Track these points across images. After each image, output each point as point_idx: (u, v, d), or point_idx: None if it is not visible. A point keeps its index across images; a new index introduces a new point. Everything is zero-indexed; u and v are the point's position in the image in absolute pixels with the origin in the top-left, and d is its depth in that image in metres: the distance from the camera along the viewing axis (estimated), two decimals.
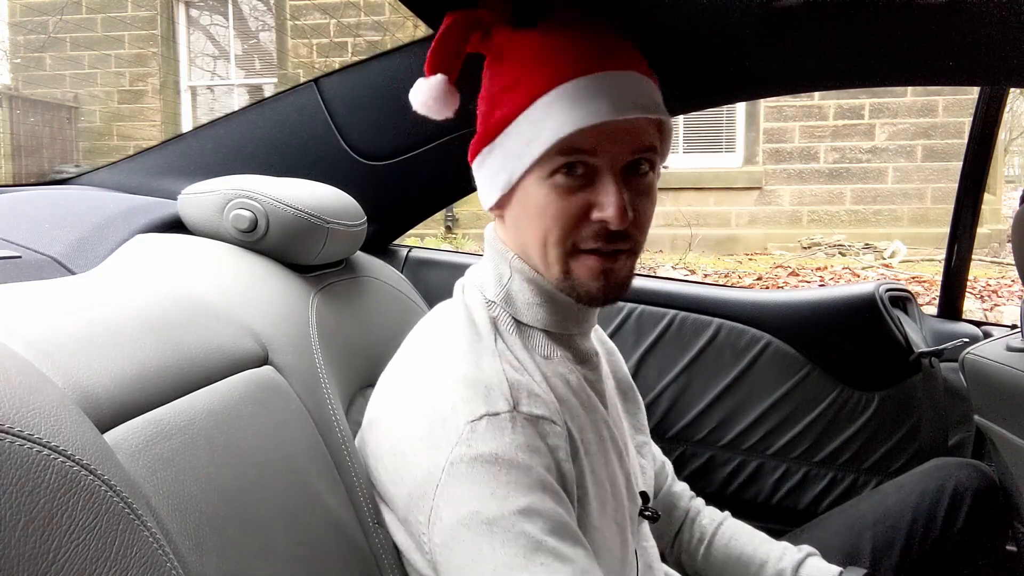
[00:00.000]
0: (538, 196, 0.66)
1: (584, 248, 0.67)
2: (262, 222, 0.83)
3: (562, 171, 0.64)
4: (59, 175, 5.56)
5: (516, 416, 0.61)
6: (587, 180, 0.65)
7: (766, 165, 6.43)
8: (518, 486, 0.58)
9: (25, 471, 0.36)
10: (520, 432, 0.61)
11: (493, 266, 0.74)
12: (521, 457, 0.60)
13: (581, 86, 0.63)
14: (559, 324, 0.73)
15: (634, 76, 0.66)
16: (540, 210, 0.66)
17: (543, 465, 0.61)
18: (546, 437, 0.62)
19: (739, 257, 6.09)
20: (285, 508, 0.59)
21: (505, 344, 0.69)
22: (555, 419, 0.64)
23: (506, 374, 0.65)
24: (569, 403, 0.70)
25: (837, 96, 6.20)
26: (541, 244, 0.68)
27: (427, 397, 0.65)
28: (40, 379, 0.44)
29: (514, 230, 0.71)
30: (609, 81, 0.64)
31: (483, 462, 0.59)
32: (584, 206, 0.65)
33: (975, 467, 1.08)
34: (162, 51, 7.65)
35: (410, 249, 1.47)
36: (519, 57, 0.67)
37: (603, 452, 0.73)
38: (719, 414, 1.42)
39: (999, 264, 5.40)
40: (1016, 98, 8.23)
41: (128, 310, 0.60)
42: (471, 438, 0.60)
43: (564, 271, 0.68)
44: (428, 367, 0.68)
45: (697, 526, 0.97)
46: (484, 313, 0.71)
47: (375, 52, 1.15)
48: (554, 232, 0.66)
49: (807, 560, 0.89)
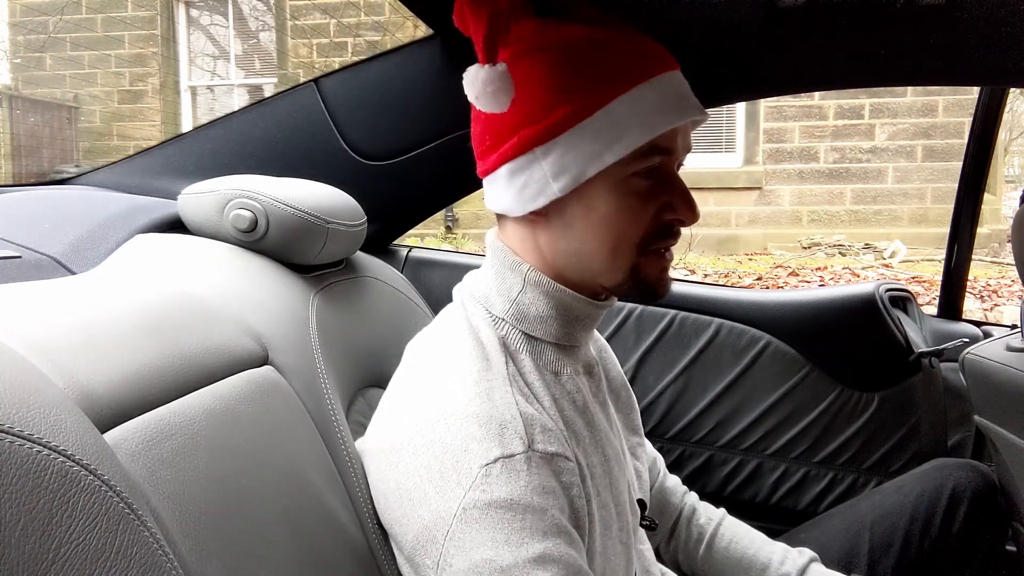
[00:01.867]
0: (613, 200, 0.64)
1: (652, 248, 0.67)
2: (262, 222, 0.83)
3: (641, 173, 0.63)
4: (59, 175, 5.57)
5: (531, 456, 0.59)
6: (658, 181, 0.65)
7: (766, 165, 6.43)
8: (533, 532, 0.56)
9: (25, 471, 0.36)
10: (535, 473, 0.58)
11: (500, 279, 0.70)
12: (536, 500, 0.57)
13: (661, 84, 0.62)
14: (569, 336, 0.71)
15: (681, 75, 0.66)
16: (613, 214, 0.64)
17: (558, 507, 0.59)
18: (560, 475, 0.60)
19: (739, 257, 6.09)
20: (285, 508, 0.59)
21: (516, 367, 0.66)
22: (567, 454, 0.62)
23: (519, 407, 0.62)
24: (575, 426, 0.69)
25: (837, 96, 6.20)
26: (611, 248, 0.66)
27: (436, 435, 0.61)
28: (40, 379, 0.44)
29: (554, 240, 0.67)
30: (677, 80, 0.65)
31: (497, 507, 0.56)
32: (659, 207, 0.65)
33: (974, 468, 1.08)
34: (162, 51, 7.65)
35: (410, 249, 1.47)
36: (582, 51, 0.63)
37: (607, 473, 0.71)
38: (719, 414, 1.42)
39: (999, 264, 5.40)
40: (1016, 98, 8.23)
41: (128, 310, 0.60)
42: (485, 483, 0.57)
43: (632, 272, 0.67)
44: (436, 399, 0.63)
45: (694, 525, 0.96)
46: (492, 333, 0.67)
47: (375, 52, 1.15)
48: (629, 235, 0.65)
49: (810, 566, 0.88)
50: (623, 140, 0.61)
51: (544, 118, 0.62)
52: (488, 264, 0.72)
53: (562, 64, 0.63)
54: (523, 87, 0.63)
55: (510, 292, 0.69)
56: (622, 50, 0.63)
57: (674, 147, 0.65)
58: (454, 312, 0.72)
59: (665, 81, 0.63)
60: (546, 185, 0.64)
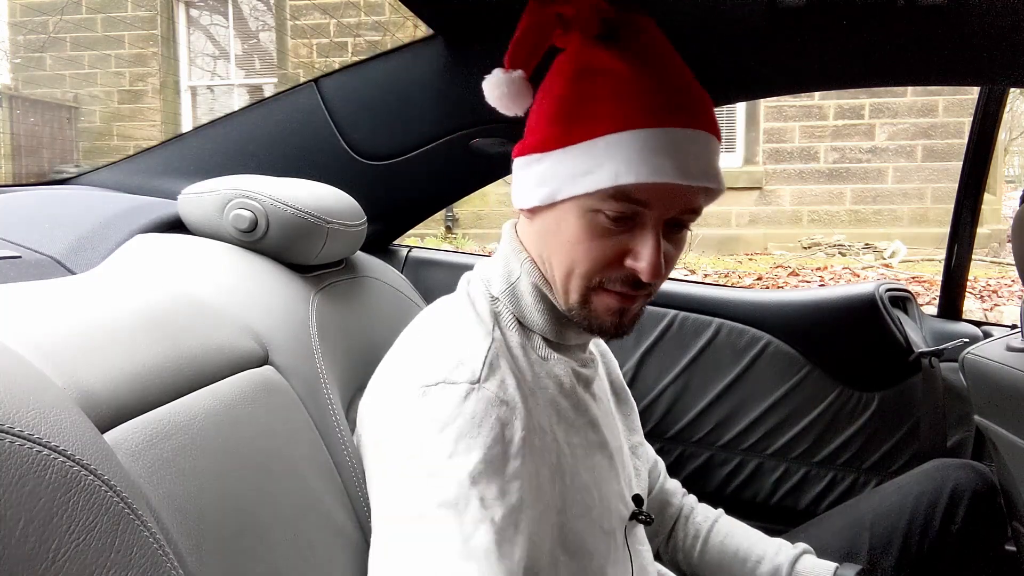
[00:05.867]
0: (575, 226, 0.65)
1: (607, 287, 0.67)
2: (262, 222, 0.83)
3: (607, 213, 0.63)
4: (59, 175, 5.56)
5: (474, 390, 0.62)
6: (628, 227, 0.64)
7: (766, 165, 6.44)
8: (468, 446, 0.59)
9: (25, 471, 0.36)
10: (472, 405, 0.61)
11: (504, 262, 0.73)
12: (465, 426, 0.60)
13: (653, 137, 0.60)
14: (558, 334, 0.73)
15: (705, 137, 0.63)
16: (573, 241, 0.65)
17: (489, 440, 0.61)
18: (505, 424, 0.62)
19: (739, 257, 6.10)
20: (285, 508, 0.59)
21: (504, 338, 0.69)
22: (518, 410, 0.64)
23: (488, 356, 0.65)
24: (558, 405, 0.71)
25: (837, 96, 6.21)
26: (565, 272, 0.67)
27: (406, 357, 0.67)
28: (40, 379, 0.44)
29: (540, 241, 0.70)
30: (682, 139, 0.62)
31: (429, 419, 0.60)
32: (619, 251, 0.65)
33: (974, 468, 1.08)
34: (162, 51, 7.65)
35: (410, 249, 1.47)
36: (596, 80, 0.63)
37: (588, 455, 0.73)
38: (719, 414, 1.42)
39: (999, 264, 5.40)
40: (1016, 98, 8.24)
41: (128, 310, 0.60)
42: (423, 401, 0.61)
43: (582, 303, 0.68)
44: (420, 339, 0.70)
45: (691, 524, 0.97)
46: (487, 306, 0.71)
47: (375, 52, 1.15)
48: (582, 267, 0.66)
49: (803, 556, 0.90)
50: (591, 177, 0.62)
51: (544, 132, 0.66)
52: (498, 250, 0.76)
53: (575, 86, 0.64)
54: (544, 96, 0.67)
55: (509, 276, 0.72)
56: (635, 90, 0.62)
57: (650, 201, 0.62)
58: (458, 290, 0.76)
59: (661, 136, 0.61)
60: (533, 189, 0.67)
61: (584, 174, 0.62)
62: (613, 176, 0.60)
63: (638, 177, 0.60)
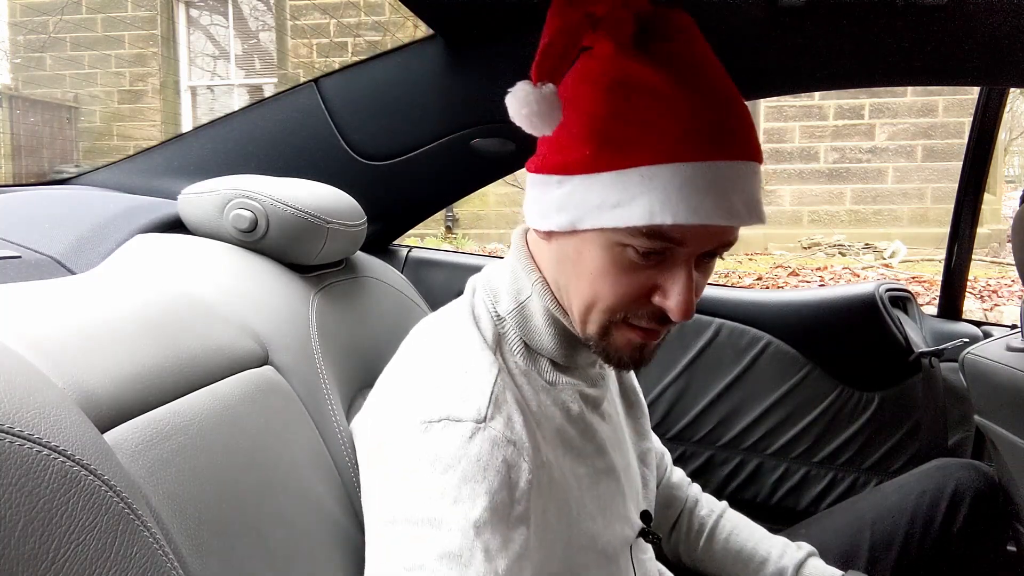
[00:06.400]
0: (599, 259, 0.59)
1: (631, 322, 0.62)
2: (262, 222, 0.83)
3: (636, 248, 0.57)
4: (59, 175, 5.56)
5: (480, 430, 0.57)
6: (657, 261, 0.58)
7: (766, 165, 6.43)
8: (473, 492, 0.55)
9: (25, 471, 0.36)
10: (477, 446, 0.57)
11: (513, 278, 0.68)
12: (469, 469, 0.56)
13: (695, 174, 0.54)
14: (568, 358, 0.69)
15: (749, 168, 0.57)
16: (597, 274, 0.60)
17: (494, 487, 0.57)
18: (511, 468, 0.58)
19: (739, 257, 6.09)
20: (285, 508, 0.59)
21: (506, 364, 0.65)
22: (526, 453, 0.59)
23: (494, 390, 0.61)
24: (565, 434, 0.68)
25: (837, 96, 6.21)
26: (585, 305, 0.62)
27: (404, 387, 0.64)
28: (40, 379, 0.44)
29: (556, 267, 0.65)
30: (723, 175, 0.55)
31: (428, 461, 0.56)
32: (647, 287, 0.59)
33: (975, 467, 1.08)
34: (162, 51, 7.65)
35: (410, 249, 1.47)
36: (631, 98, 0.56)
37: (595, 484, 0.70)
38: (719, 414, 1.42)
39: (999, 264, 5.40)
40: (1016, 98, 8.24)
41: (128, 310, 0.60)
42: (424, 438, 0.57)
43: (601, 335, 0.63)
44: (419, 365, 0.66)
45: (696, 517, 0.97)
46: (491, 328, 0.67)
47: (375, 52, 1.15)
48: (605, 302, 0.61)
49: (808, 560, 0.89)
50: (621, 211, 0.55)
51: (568, 152, 0.59)
52: (507, 260, 0.71)
53: (606, 104, 0.57)
54: (570, 109, 0.58)
55: (519, 295, 0.68)
56: (675, 115, 0.55)
57: (685, 239, 0.56)
58: (463, 299, 0.71)
59: (704, 172, 0.54)
60: (551, 214, 0.61)
61: (613, 207, 0.56)
62: (648, 215, 0.54)
63: (675, 218, 0.54)
